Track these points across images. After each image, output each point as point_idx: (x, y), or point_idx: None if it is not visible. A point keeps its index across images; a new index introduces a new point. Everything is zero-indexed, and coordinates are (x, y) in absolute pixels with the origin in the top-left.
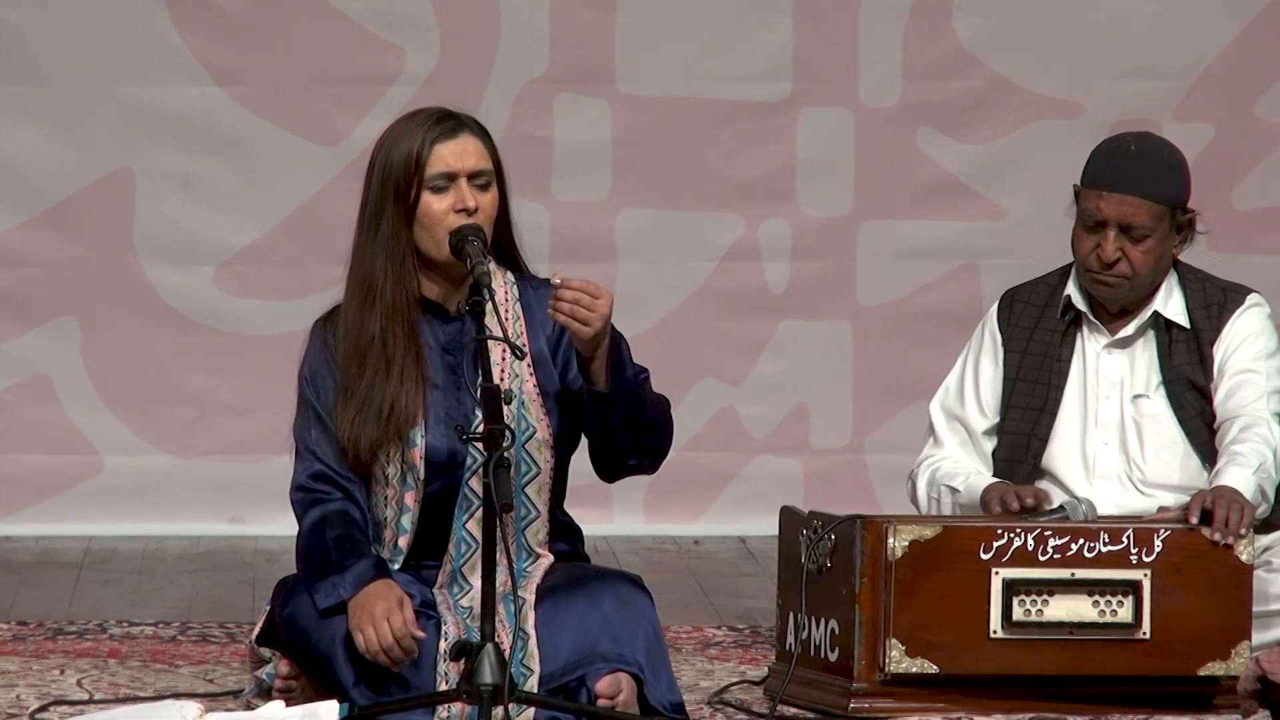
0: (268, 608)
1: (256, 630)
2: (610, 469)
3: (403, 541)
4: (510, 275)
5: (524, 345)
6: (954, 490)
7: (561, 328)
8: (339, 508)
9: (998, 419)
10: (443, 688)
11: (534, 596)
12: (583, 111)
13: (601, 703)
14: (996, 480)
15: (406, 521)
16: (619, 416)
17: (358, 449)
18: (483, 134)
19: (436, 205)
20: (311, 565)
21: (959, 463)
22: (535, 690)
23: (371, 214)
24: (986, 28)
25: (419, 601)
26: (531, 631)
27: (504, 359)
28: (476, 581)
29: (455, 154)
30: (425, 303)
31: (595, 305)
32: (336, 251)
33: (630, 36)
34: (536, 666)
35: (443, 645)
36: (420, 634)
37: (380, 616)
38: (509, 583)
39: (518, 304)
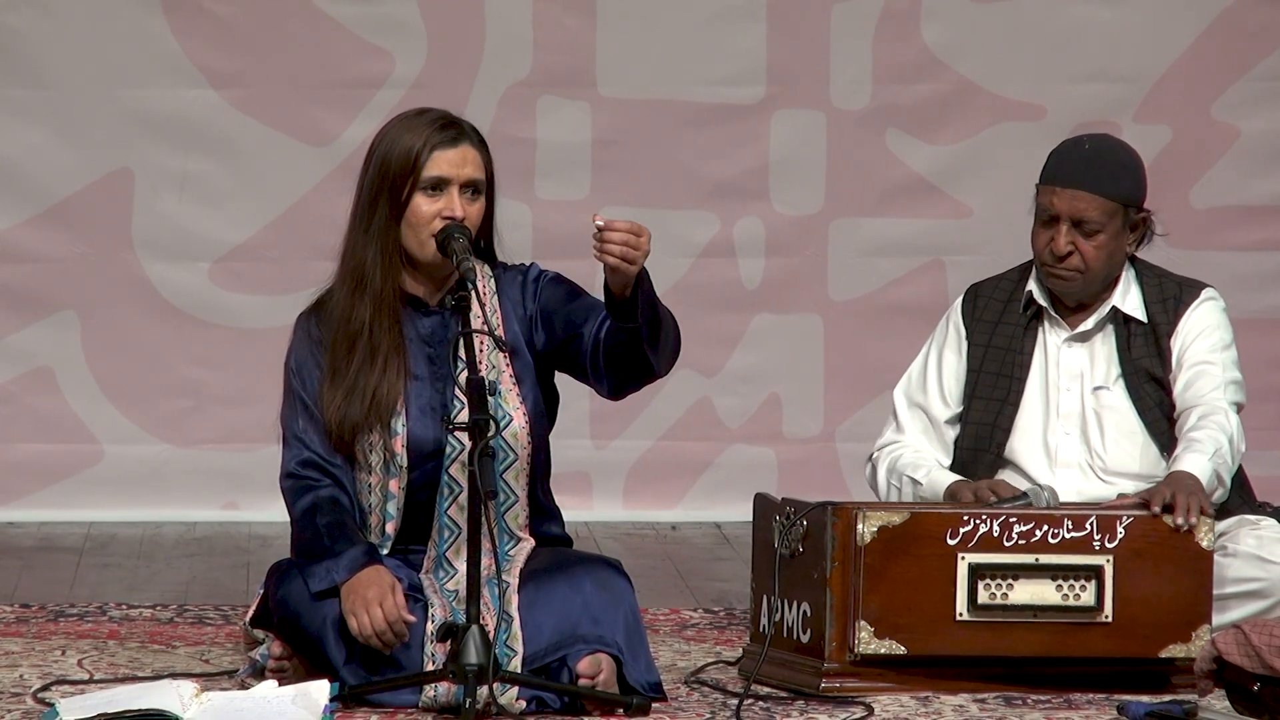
0: (261, 591)
1: (250, 613)
2: (626, 385)
3: (390, 527)
4: (488, 268)
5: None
6: (916, 482)
7: (536, 308)
8: (329, 494)
9: (959, 409)
10: (430, 668)
11: (517, 580)
12: (564, 113)
13: (582, 682)
14: (960, 479)
15: (392, 508)
16: (648, 337)
17: (342, 429)
18: (481, 145)
19: (426, 208)
20: (304, 551)
21: (920, 452)
22: (518, 670)
23: (366, 205)
24: (953, 33)
25: (407, 585)
26: (515, 614)
27: (482, 348)
28: (461, 565)
29: (452, 162)
30: (406, 297)
31: (640, 244)
32: (327, 248)
33: (610, 42)
34: (520, 647)
35: (430, 627)
36: (410, 618)
37: (373, 601)
38: (493, 567)
39: (494, 296)
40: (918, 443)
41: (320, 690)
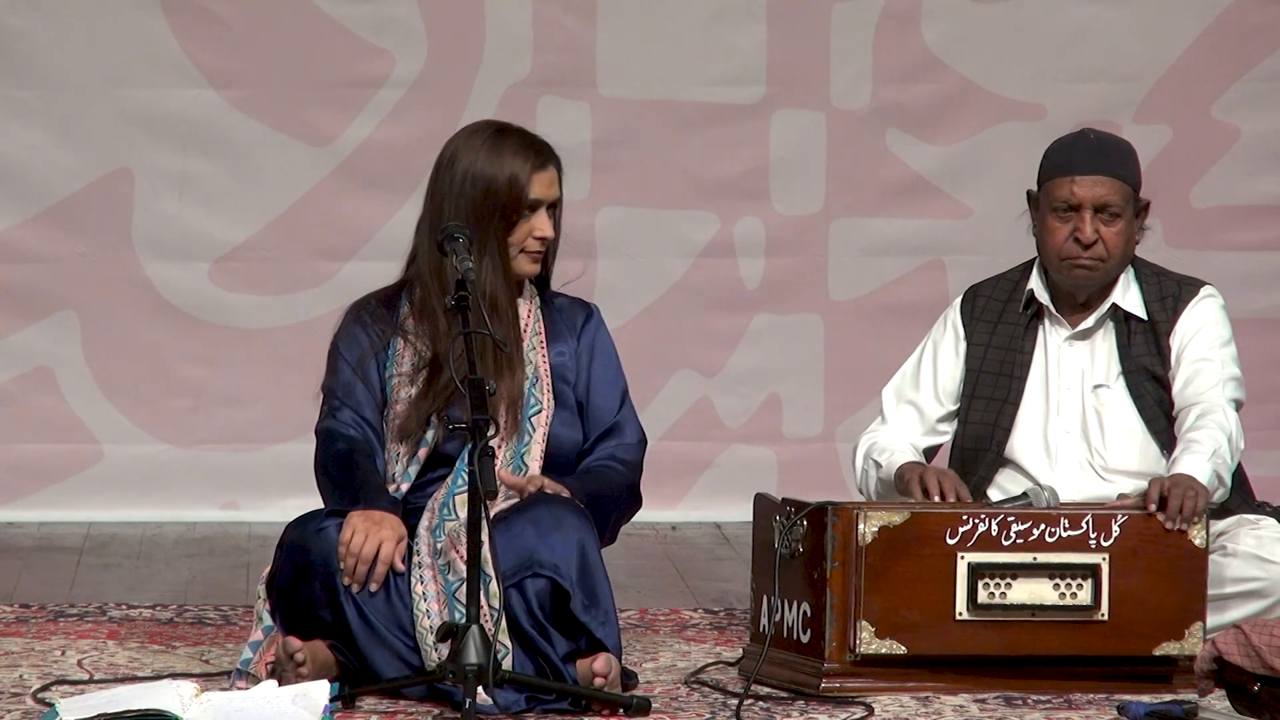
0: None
1: (266, 573)
2: None
3: (405, 486)
4: (533, 288)
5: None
6: (879, 465)
7: (588, 344)
8: (366, 451)
9: (954, 407)
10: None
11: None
12: (564, 114)
13: (597, 681)
14: (913, 461)
15: (413, 470)
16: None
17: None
18: (559, 165)
19: (523, 228)
20: (334, 480)
21: (894, 440)
22: (511, 667)
23: (475, 230)
24: (953, 33)
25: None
26: (492, 573)
27: (526, 329)
28: (463, 514)
29: (545, 184)
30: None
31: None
32: (327, 248)
33: (610, 42)
34: (509, 643)
35: (419, 589)
36: (400, 567)
37: (375, 534)
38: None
39: (538, 321)
40: (899, 434)
41: (320, 690)
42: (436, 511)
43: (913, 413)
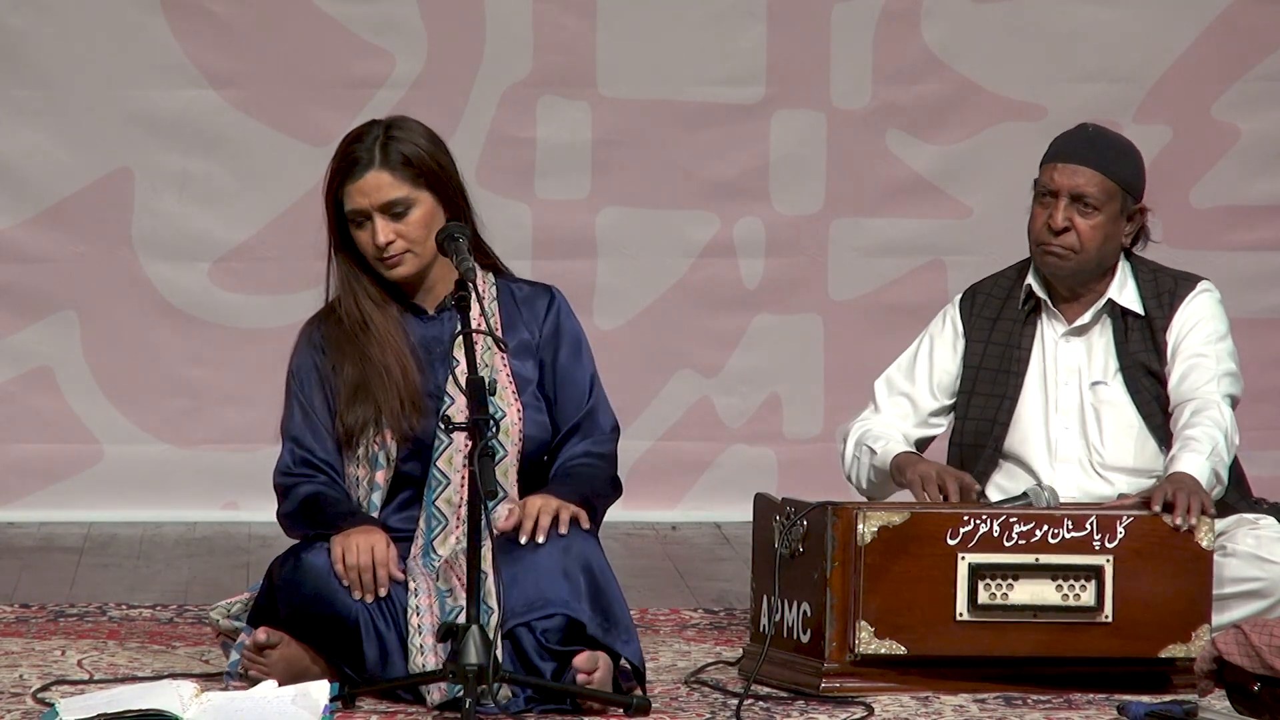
0: (249, 593)
1: (230, 603)
2: None
3: (375, 515)
4: (490, 276)
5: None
6: (873, 452)
7: (551, 330)
8: (330, 490)
9: (948, 402)
10: (430, 667)
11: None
12: (564, 114)
13: (580, 678)
14: (909, 450)
15: (377, 498)
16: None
17: (350, 435)
18: (392, 162)
19: (363, 241)
20: (308, 525)
21: (888, 428)
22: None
23: (334, 251)
24: (953, 33)
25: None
26: (495, 605)
27: (477, 345)
28: (445, 553)
29: (362, 192)
30: (408, 305)
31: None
32: (327, 248)
33: (610, 42)
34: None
35: (414, 601)
36: (399, 574)
37: (365, 544)
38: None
39: (494, 302)
40: (891, 423)
41: (320, 690)
42: (420, 560)
43: (905, 404)
